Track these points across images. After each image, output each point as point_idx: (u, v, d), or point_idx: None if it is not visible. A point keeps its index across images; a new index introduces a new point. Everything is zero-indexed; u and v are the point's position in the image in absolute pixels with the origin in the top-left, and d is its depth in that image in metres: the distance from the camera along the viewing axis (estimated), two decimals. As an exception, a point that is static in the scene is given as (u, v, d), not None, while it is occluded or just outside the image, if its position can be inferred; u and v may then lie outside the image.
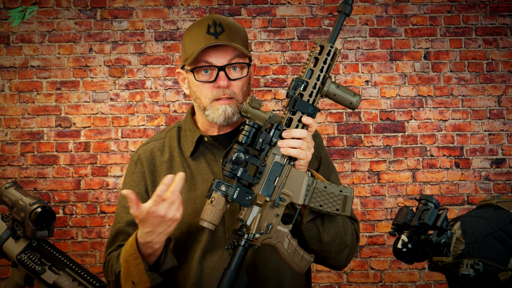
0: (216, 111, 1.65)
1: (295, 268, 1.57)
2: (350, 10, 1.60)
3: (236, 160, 1.51)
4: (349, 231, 1.68)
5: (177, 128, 1.79)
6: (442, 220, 1.52)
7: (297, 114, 1.55)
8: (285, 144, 1.53)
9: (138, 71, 4.00)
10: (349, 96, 1.58)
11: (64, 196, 3.92)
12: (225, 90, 1.64)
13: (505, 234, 1.52)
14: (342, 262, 1.71)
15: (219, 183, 1.51)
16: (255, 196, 1.53)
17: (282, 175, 1.54)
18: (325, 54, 1.58)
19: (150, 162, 1.74)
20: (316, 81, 1.56)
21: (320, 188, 1.56)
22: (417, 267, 3.88)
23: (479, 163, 3.96)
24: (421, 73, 4.02)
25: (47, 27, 4.01)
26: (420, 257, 1.59)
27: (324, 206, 1.56)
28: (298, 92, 1.56)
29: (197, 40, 1.64)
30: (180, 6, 4.04)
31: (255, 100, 1.54)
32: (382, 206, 3.94)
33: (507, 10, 4.02)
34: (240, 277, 1.52)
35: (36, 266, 1.49)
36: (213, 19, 1.66)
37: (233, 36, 1.65)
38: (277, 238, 1.55)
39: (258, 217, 1.54)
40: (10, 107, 3.97)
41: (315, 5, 4.02)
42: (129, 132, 3.97)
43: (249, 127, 1.53)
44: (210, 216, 1.49)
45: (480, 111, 3.99)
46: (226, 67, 1.63)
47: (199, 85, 1.66)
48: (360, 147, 3.97)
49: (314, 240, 1.62)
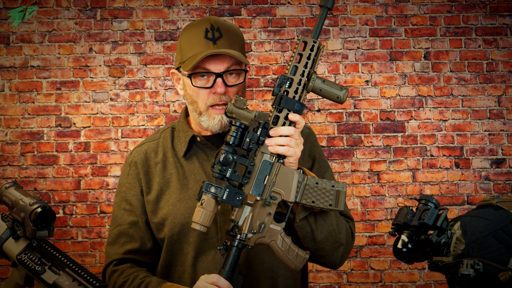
0: (212, 120, 1.66)
1: (290, 265, 1.57)
2: (332, 4, 1.58)
3: (224, 161, 1.51)
4: (343, 229, 1.67)
5: (171, 129, 1.80)
6: (442, 220, 1.52)
7: (283, 111, 1.55)
8: (272, 142, 1.53)
9: (138, 71, 4.00)
10: (335, 90, 1.57)
11: (64, 196, 3.93)
12: (222, 97, 1.64)
13: (505, 234, 1.52)
14: (337, 261, 1.70)
15: (209, 185, 1.51)
16: (245, 196, 1.54)
17: (271, 173, 1.54)
18: (309, 50, 1.56)
19: (144, 163, 1.75)
20: (301, 77, 1.56)
21: (312, 184, 1.56)
22: (417, 267, 3.88)
23: (479, 163, 3.96)
24: (421, 73, 4.02)
25: (47, 27, 4.01)
26: (420, 257, 1.59)
27: (317, 202, 1.56)
28: (284, 90, 1.56)
29: (195, 44, 1.64)
30: (180, 6, 4.04)
31: (239, 100, 1.54)
32: (382, 206, 3.94)
33: (507, 10, 4.02)
34: (235, 278, 1.53)
35: (36, 266, 1.49)
36: (211, 22, 1.66)
37: (231, 42, 1.65)
38: (270, 237, 1.55)
39: (250, 216, 1.54)
40: (10, 107, 3.97)
41: (315, 5, 4.02)
42: (129, 132, 3.97)
43: (235, 128, 1.54)
44: (201, 218, 1.50)
45: (480, 111, 3.99)
46: (223, 74, 1.64)
47: (196, 90, 1.66)
48: (360, 147, 3.97)
49: (308, 238, 1.62)
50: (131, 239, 1.71)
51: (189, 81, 1.66)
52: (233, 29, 1.70)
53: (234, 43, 1.66)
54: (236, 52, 1.63)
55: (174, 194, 1.70)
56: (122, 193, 1.76)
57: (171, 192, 1.71)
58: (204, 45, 1.63)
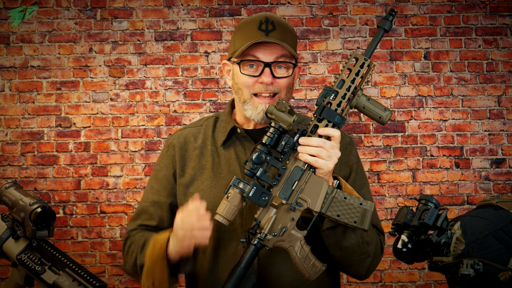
0: (255, 108, 1.68)
1: (305, 274, 1.57)
2: (389, 26, 1.61)
3: (256, 159, 1.53)
4: (374, 241, 1.68)
5: (214, 118, 1.83)
6: (442, 220, 1.52)
7: (323, 121, 1.56)
8: (303, 150, 1.54)
9: (138, 71, 4.00)
10: (379, 110, 1.59)
11: (64, 196, 3.93)
12: (268, 87, 1.66)
13: (505, 234, 1.52)
14: (363, 272, 1.71)
15: (237, 180, 1.54)
16: (272, 197, 1.55)
17: (301, 180, 1.55)
18: (359, 66, 1.58)
19: (182, 147, 1.78)
20: (346, 91, 1.58)
21: (339, 198, 1.56)
22: (417, 267, 3.88)
23: (479, 163, 3.96)
24: (421, 73, 4.02)
25: (47, 27, 4.01)
26: (420, 257, 1.59)
27: (342, 217, 1.56)
28: (327, 101, 1.57)
29: (248, 35, 1.66)
30: (180, 6, 4.04)
31: (281, 103, 1.56)
32: (382, 206, 3.94)
33: (507, 10, 4.02)
34: (248, 276, 1.53)
35: (36, 266, 1.49)
36: (266, 16, 1.69)
37: (283, 36, 1.67)
38: (289, 242, 1.55)
39: (273, 218, 1.55)
40: (10, 107, 3.97)
41: (315, 5, 4.02)
42: (129, 132, 3.97)
43: (274, 130, 1.55)
44: (225, 211, 1.53)
45: (480, 111, 3.99)
46: (272, 64, 1.65)
47: (243, 77, 1.68)
48: (360, 147, 3.97)
49: (335, 247, 1.63)
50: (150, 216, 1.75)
51: (237, 69, 1.69)
52: (287, 25, 1.72)
53: (287, 37, 1.68)
54: (287, 44, 1.65)
55: (207, 181, 1.73)
56: (155, 172, 1.80)
57: (204, 179, 1.73)
58: (256, 35, 1.65)
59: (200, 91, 4.00)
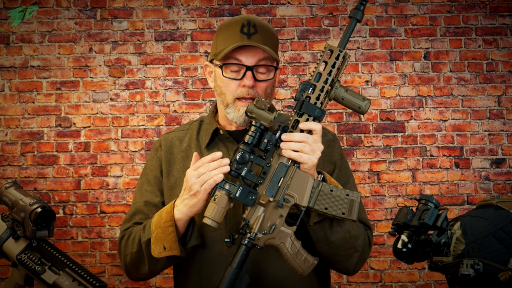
0: (237, 111, 1.68)
1: (298, 269, 1.57)
2: (361, 16, 1.61)
3: (240, 159, 1.54)
4: (361, 236, 1.68)
5: (199, 121, 1.85)
6: (442, 220, 1.52)
7: (303, 116, 1.56)
8: (286, 146, 1.54)
9: (138, 71, 4.00)
10: (358, 100, 1.59)
11: (64, 196, 3.93)
12: (249, 90, 1.66)
13: (505, 234, 1.52)
14: (351, 267, 1.71)
15: (223, 181, 1.54)
16: (259, 196, 1.55)
17: (286, 176, 1.55)
18: (334, 58, 1.59)
19: (168, 150, 1.80)
20: (324, 84, 1.58)
21: (326, 191, 1.56)
22: (417, 267, 3.88)
23: (479, 163, 3.96)
24: (421, 73, 4.02)
25: (47, 27, 4.01)
26: (420, 257, 1.59)
27: (330, 209, 1.56)
28: (306, 95, 1.57)
29: (230, 37, 1.67)
30: (180, 6, 4.04)
31: (260, 101, 1.56)
32: (382, 206, 3.94)
33: (507, 10, 4.02)
34: (241, 276, 1.53)
35: (36, 266, 1.49)
36: (248, 19, 1.70)
37: (265, 39, 1.68)
38: (280, 239, 1.55)
39: (262, 216, 1.55)
40: (10, 107, 3.97)
41: (315, 5, 4.02)
42: (129, 132, 3.97)
43: (255, 128, 1.56)
44: (213, 213, 1.52)
45: (480, 111, 3.99)
46: (254, 67, 1.66)
47: (225, 80, 1.69)
48: (360, 147, 3.97)
49: (322, 242, 1.63)
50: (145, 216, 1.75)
51: (220, 72, 1.70)
52: (269, 28, 1.73)
53: (268, 40, 1.69)
54: (268, 47, 1.66)
55: None
56: (145, 175, 1.82)
57: None
58: (238, 38, 1.66)
59: (200, 91, 4.00)
